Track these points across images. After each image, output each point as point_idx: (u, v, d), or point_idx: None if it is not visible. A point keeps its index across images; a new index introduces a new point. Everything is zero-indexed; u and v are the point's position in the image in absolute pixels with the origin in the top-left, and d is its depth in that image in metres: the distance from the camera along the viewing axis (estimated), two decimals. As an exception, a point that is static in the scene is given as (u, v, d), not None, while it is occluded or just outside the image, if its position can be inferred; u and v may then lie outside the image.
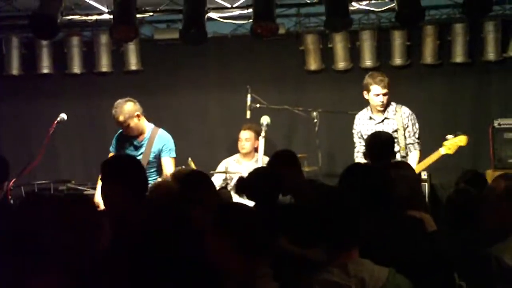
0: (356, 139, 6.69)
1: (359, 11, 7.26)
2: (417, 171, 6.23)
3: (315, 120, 6.97)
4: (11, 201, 5.30)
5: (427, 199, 6.40)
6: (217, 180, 7.30)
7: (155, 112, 8.10)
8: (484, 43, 7.64)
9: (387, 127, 6.49)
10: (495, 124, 7.16)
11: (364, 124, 6.60)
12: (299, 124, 7.82)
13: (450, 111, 7.88)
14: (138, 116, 6.18)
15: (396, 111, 6.52)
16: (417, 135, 6.52)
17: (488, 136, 7.18)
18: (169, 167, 6.14)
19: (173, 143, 6.29)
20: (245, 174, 7.20)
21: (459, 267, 3.35)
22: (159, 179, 5.86)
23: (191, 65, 8.03)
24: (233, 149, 7.61)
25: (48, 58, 7.95)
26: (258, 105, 7.13)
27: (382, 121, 6.54)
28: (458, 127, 7.72)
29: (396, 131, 6.45)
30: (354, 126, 6.69)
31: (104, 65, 8.01)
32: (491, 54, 7.62)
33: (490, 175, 6.71)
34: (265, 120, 6.97)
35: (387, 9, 7.15)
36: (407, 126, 6.50)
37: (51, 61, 7.97)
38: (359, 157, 6.68)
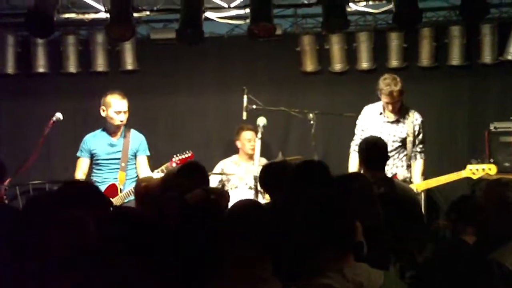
0: (358, 131, 6.68)
1: (356, 12, 7.25)
2: (427, 186, 6.19)
3: (311, 122, 6.95)
4: (6, 201, 5.27)
5: (424, 203, 6.40)
6: (213, 182, 7.28)
7: (151, 112, 8.12)
8: (480, 46, 7.62)
9: (398, 130, 6.44)
10: (491, 128, 7.16)
11: (372, 118, 6.58)
12: (295, 126, 7.80)
13: (446, 114, 7.88)
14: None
15: (409, 115, 6.48)
16: (424, 143, 6.49)
17: (484, 139, 7.17)
18: (145, 165, 6.45)
19: (146, 141, 6.58)
20: (243, 175, 7.24)
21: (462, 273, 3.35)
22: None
23: (187, 65, 8.00)
24: (229, 150, 7.59)
25: (43, 57, 7.90)
26: (254, 106, 7.11)
27: (393, 122, 6.50)
28: (454, 130, 7.75)
29: (405, 137, 6.42)
30: (360, 117, 6.68)
31: (100, 64, 7.97)
32: (487, 57, 7.61)
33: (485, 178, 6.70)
34: (261, 121, 6.94)
35: (384, 11, 7.14)
36: (418, 134, 6.47)
37: (47, 60, 7.92)
38: (356, 150, 6.63)
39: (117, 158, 6.33)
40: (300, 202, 2.92)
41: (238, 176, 7.23)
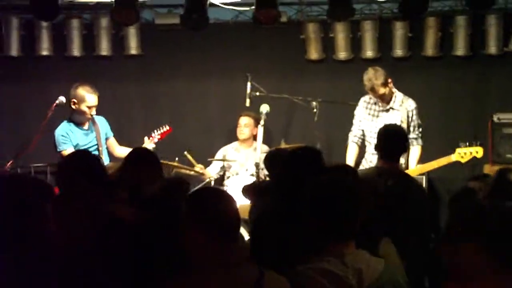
0: (356, 121, 6.72)
1: (361, 1, 7.25)
2: (420, 171, 6.18)
3: (315, 110, 6.95)
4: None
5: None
6: (215, 168, 7.29)
7: (154, 97, 8.12)
8: (485, 36, 7.60)
9: (391, 117, 6.44)
10: (495, 119, 7.13)
11: (368, 108, 6.62)
12: (298, 113, 7.79)
13: (450, 104, 7.86)
14: None
15: (402, 102, 6.50)
16: (420, 129, 6.49)
17: (487, 130, 7.15)
18: (117, 143, 6.55)
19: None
20: (243, 161, 7.24)
21: None
22: None
23: (191, 51, 7.98)
24: (231, 137, 7.59)
25: (47, 40, 7.90)
26: (257, 93, 7.10)
27: (388, 110, 6.51)
28: (457, 120, 7.74)
29: (400, 123, 6.41)
30: (357, 108, 6.72)
31: (104, 48, 7.96)
32: (492, 48, 7.58)
33: (488, 169, 6.71)
34: (264, 108, 6.95)
35: (389, -1, 7.13)
36: (412, 120, 6.47)
37: (51, 43, 7.92)
38: (354, 141, 6.67)
39: (95, 145, 6.32)
40: (306, 186, 2.91)
41: (239, 162, 7.23)
